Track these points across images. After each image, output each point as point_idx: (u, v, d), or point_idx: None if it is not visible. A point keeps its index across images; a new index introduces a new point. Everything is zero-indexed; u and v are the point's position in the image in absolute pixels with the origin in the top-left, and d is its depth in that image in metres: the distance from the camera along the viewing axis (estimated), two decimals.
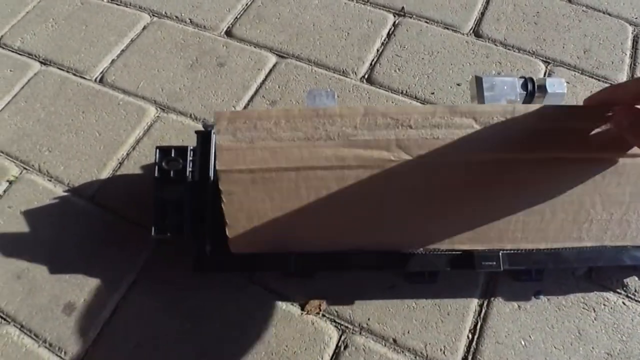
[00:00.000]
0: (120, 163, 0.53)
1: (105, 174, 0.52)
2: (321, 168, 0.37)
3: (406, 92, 0.58)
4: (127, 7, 0.66)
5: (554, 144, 0.37)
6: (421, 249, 0.41)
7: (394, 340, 0.43)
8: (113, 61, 0.61)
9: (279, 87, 0.58)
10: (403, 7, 0.66)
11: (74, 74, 0.59)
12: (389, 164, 0.37)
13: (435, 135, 0.37)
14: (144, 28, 0.64)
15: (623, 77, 0.60)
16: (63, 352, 0.42)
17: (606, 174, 0.38)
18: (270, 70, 0.60)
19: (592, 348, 0.43)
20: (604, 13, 0.66)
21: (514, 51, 0.62)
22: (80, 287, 0.45)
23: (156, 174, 0.44)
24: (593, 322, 0.44)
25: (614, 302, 0.45)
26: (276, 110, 0.38)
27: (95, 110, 0.56)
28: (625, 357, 0.42)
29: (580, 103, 0.39)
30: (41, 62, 0.61)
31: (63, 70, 0.60)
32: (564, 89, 0.45)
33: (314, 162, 0.37)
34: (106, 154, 0.53)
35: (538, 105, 0.38)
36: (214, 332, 0.43)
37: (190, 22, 0.65)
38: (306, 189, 0.38)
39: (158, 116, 0.56)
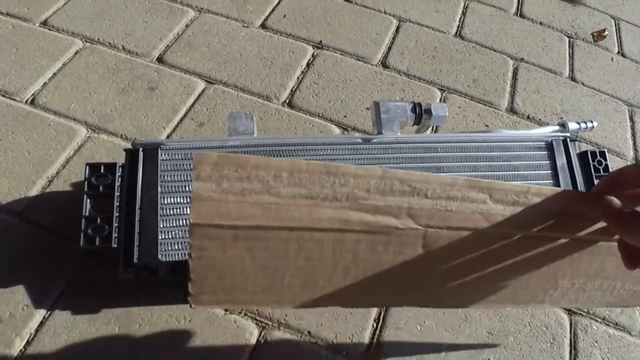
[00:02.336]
0: (49, 181, 0.55)
1: (34, 192, 0.54)
2: (319, 230, 0.33)
3: (322, 115, 0.65)
4: (59, 32, 0.69)
5: (554, 225, 0.37)
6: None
7: (309, 332, 0.48)
8: (45, 84, 0.63)
9: (207, 110, 0.63)
10: (321, 41, 0.74)
11: (3, 95, 0.61)
12: (394, 231, 0.34)
13: (449, 207, 0.34)
14: (76, 53, 0.67)
15: (504, 102, 0.71)
16: None
17: (582, 252, 0.39)
18: (199, 95, 0.65)
19: (476, 328, 0.50)
20: (489, 49, 0.79)
21: (415, 80, 0.72)
22: (7, 301, 0.47)
23: (86, 189, 0.47)
24: None
25: None
26: (278, 161, 0.31)
27: (25, 130, 0.58)
28: (503, 334, 0.50)
29: (469, 124, 0.46)
30: None
31: None
32: (445, 112, 0.54)
33: (313, 223, 0.32)
34: (35, 172, 0.55)
35: (550, 188, 0.37)
36: (142, 336, 0.46)
37: (123, 48, 0.69)
38: (297, 250, 0.33)
39: (89, 136, 0.59)
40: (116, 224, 0.46)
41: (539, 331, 0.51)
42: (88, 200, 0.47)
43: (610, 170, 0.53)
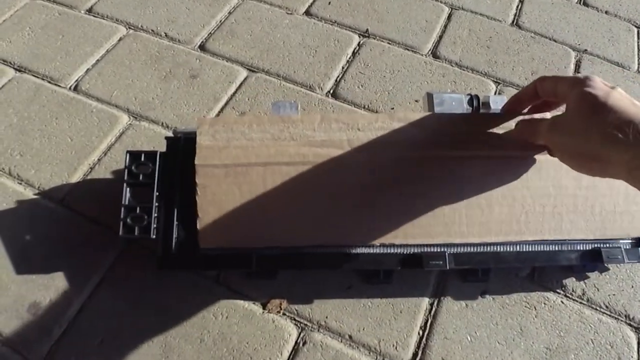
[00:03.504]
0: (91, 168, 0.54)
1: (75, 178, 0.53)
2: (285, 164, 0.43)
3: (368, 107, 0.62)
4: (103, 19, 0.69)
5: (481, 144, 0.44)
6: (376, 243, 0.44)
7: (350, 337, 0.45)
8: (88, 70, 0.63)
9: (248, 99, 0.61)
10: (367, 29, 0.70)
11: (49, 82, 0.61)
12: (343, 159, 0.43)
13: (379, 136, 0.44)
14: (120, 40, 0.66)
15: None
16: (26, 351, 0.43)
17: (528, 171, 0.44)
18: (241, 84, 0.63)
19: (533, 343, 0.46)
20: (550, 39, 0.73)
21: (468, 72, 0.67)
22: (47, 287, 0.46)
23: (126, 177, 0.46)
24: (534, 319, 0.47)
25: (554, 301, 0.49)
26: (248, 117, 0.46)
27: (69, 116, 0.58)
28: (562, 351, 0.46)
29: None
30: (16, 69, 0.62)
31: (38, 77, 0.61)
32: None
33: (279, 158, 0.43)
34: (77, 158, 0.54)
35: (465, 113, 0.45)
36: (178, 330, 0.45)
37: (166, 35, 0.68)
38: (272, 182, 0.43)
39: (130, 124, 0.58)
40: (155, 214, 0.44)
41: (602, 350, 0.46)
42: (128, 189, 0.46)
43: None
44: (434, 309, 0.47)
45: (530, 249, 0.45)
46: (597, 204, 0.45)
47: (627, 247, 0.47)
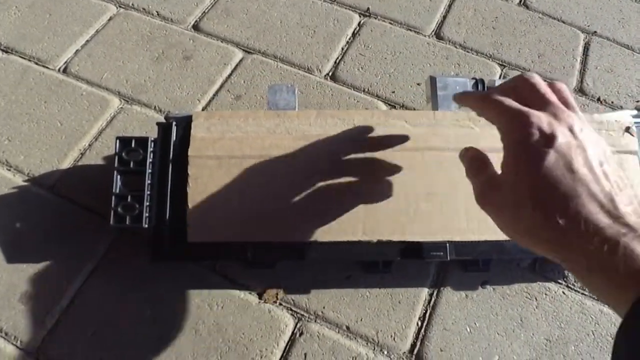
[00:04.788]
0: (81, 153, 0.53)
1: (66, 164, 0.52)
2: (280, 157, 0.42)
3: (368, 90, 0.60)
4: None
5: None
6: (374, 239, 0.42)
7: (347, 328, 0.44)
8: (77, 51, 0.60)
9: (244, 82, 0.59)
10: (368, 8, 0.68)
11: (37, 63, 0.59)
12: (338, 153, 0.42)
13: (377, 132, 0.43)
14: (110, 19, 0.64)
15: (573, 81, 0.64)
16: (19, 341, 0.42)
17: None
18: (236, 65, 0.61)
19: (533, 334, 0.45)
20: (558, 20, 0.70)
21: (473, 54, 0.65)
22: (38, 276, 0.45)
23: (116, 164, 0.44)
24: (534, 310, 0.47)
25: (555, 292, 0.48)
26: (245, 111, 0.46)
27: (58, 100, 0.56)
28: (563, 343, 0.45)
29: None
30: (2, 50, 0.60)
31: (25, 59, 0.59)
32: None
33: (274, 150, 0.42)
34: (67, 144, 0.53)
35: (451, 113, 0.45)
36: (172, 320, 0.44)
37: (158, 14, 0.65)
38: (266, 174, 0.42)
39: (122, 107, 0.56)
40: (147, 203, 0.43)
41: (603, 341, 0.46)
42: (118, 177, 0.44)
43: None
44: (433, 299, 0.46)
45: None
46: None
47: None
